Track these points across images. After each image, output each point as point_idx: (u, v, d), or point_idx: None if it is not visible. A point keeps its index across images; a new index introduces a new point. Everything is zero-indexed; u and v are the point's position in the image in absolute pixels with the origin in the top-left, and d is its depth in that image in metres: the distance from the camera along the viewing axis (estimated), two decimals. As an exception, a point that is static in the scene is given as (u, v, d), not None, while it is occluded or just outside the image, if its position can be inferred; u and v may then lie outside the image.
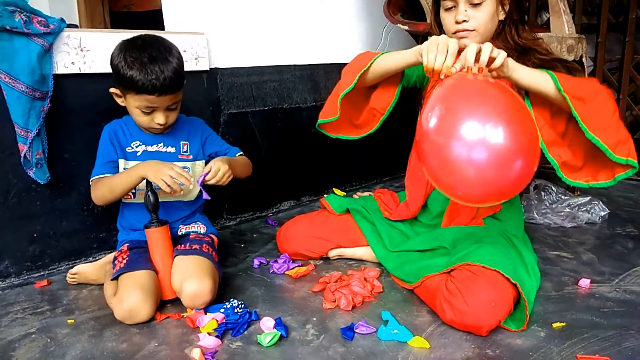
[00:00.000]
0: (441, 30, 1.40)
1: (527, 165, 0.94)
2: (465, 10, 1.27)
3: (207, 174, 1.28)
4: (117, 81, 1.28)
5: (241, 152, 1.51)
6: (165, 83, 1.23)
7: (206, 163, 1.42)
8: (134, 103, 1.27)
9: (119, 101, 1.33)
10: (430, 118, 0.98)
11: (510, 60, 1.15)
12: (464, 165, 0.92)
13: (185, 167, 1.38)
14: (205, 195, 1.28)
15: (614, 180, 1.15)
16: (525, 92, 1.22)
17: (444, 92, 1.01)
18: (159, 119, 1.29)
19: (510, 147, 0.91)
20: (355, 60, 1.40)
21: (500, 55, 1.10)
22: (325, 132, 1.47)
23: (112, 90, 1.33)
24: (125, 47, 1.26)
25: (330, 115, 1.40)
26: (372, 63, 1.32)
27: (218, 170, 1.29)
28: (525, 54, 1.31)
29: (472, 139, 0.91)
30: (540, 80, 1.16)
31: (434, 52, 1.13)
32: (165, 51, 1.26)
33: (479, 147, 0.91)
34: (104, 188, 1.31)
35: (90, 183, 1.36)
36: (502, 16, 1.33)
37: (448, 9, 1.31)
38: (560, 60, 1.31)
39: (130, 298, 1.16)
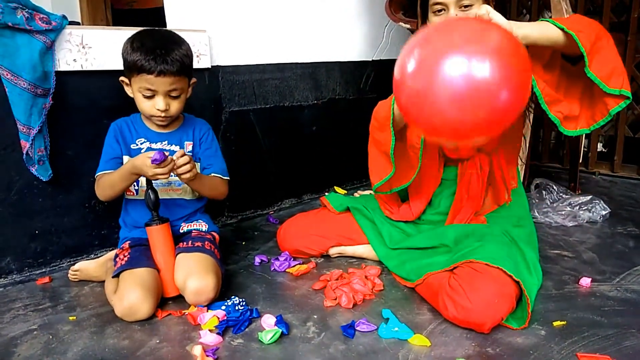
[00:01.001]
0: None
1: (514, 96, 0.86)
2: (456, 14, 1.27)
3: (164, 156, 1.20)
4: (124, 67, 1.29)
5: (221, 175, 1.42)
6: (165, 64, 1.23)
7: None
8: (136, 86, 1.28)
9: (127, 91, 1.34)
10: (407, 62, 0.90)
11: (513, 22, 1.09)
12: (446, 104, 0.85)
13: None
14: (156, 154, 1.17)
15: (609, 115, 1.14)
16: None
17: (418, 37, 0.92)
18: (159, 104, 1.28)
19: (496, 80, 0.83)
20: (376, 114, 1.33)
21: (482, 10, 1.06)
22: (383, 192, 1.42)
23: (121, 78, 1.34)
24: (135, 35, 1.29)
25: (386, 173, 1.34)
26: (392, 110, 1.24)
27: (187, 162, 1.22)
28: None
29: (454, 73, 0.82)
30: (544, 29, 1.11)
31: None
32: (173, 42, 1.28)
33: (461, 81, 0.82)
34: (105, 184, 1.32)
35: (95, 178, 1.36)
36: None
37: (437, 13, 1.30)
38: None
39: (130, 295, 1.16)
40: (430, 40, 0.89)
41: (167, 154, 1.20)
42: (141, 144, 1.38)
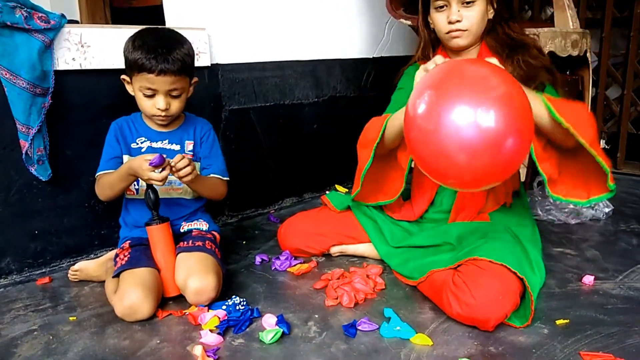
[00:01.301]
0: (429, 30, 1.40)
1: (519, 145, 0.90)
2: (458, 10, 1.28)
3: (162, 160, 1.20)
4: (125, 65, 1.29)
5: (220, 176, 1.42)
6: (166, 63, 1.22)
7: None
8: (137, 85, 1.28)
9: (129, 89, 1.33)
10: (418, 104, 0.94)
11: None
12: (454, 150, 0.88)
13: None
14: (156, 159, 1.17)
15: (588, 201, 1.17)
16: None
17: (431, 78, 0.97)
18: (160, 103, 1.27)
19: (502, 129, 0.87)
20: (366, 131, 1.35)
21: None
22: (364, 203, 1.46)
23: (122, 76, 1.33)
24: (137, 34, 1.28)
25: (355, 189, 1.41)
26: (382, 132, 1.27)
27: (189, 162, 1.23)
28: (516, 52, 1.30)
29: (462, 122, 0.86)
30: (536, 109, 1.10)
31: None
32: (175, 41, 1.28)
33: (469, 130, 0.86)
34: (105, 184, 1.32)
35: (95, 178, 1.36)
36: (491, 15, 1.34)
37: (439, 9, 1.31)
38: (547, 69, 1.30)
39: (130, 295, 1.16)
40: (442, 85, 0.93)
41: (165, 156, 1.19)
42: (141, 143, 1.37)
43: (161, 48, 1.23)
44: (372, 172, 1.34)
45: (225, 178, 1.44)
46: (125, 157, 1.36)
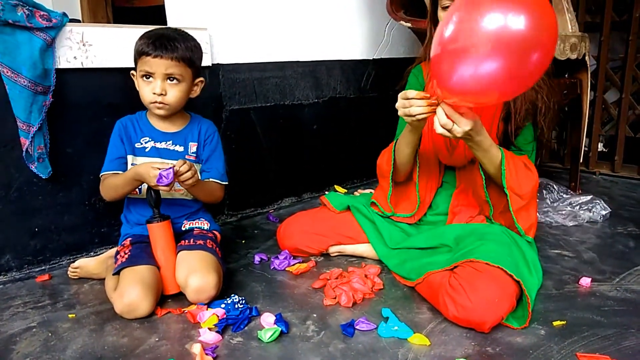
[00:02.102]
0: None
1: (544, 55, 0.91)
2: None
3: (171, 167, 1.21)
4: (133, 59, 1.33)
5: (219, 181, 1.42)
6: (164, 48, 1.25)
7: None
8: (138, 73, 1.31)
9: (135, 83, 1.35)
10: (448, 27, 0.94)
11: (478, 134, 1.15)
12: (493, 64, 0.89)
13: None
14: (165, 177, 1.18)
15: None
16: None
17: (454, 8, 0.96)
18: (156, 87, 1.28)
19: (532, 38, 0.87)
20: (380, 165, 1.48)
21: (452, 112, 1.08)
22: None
23: (132, 72, 1.36)
24: (146, 31, 1.32)
25: (385, 208, 1.50)
26: (394, 165, 1.40)
27: (190, 167, 1.23)
28: None
29: (495, 32, 0.87)
30: (493, 163, 1.24)
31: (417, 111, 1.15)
32: (180, 34, 1.31)
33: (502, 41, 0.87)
34: (109, 186, 1.34)
35: (100, 178, 1.37)
36: None
37: (446, 8, 1.32)
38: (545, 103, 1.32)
39: (130, 293, 1.16)
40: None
41: (172, 168, 1.20)
42: (145, 143, 1.38)
43: (164, 37, 1.27)
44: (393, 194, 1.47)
45: (223, 183, 1.44)
46: (130, 157, 1.37)
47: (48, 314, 1.23)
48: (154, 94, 1.29)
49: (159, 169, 1.19)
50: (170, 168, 1.19)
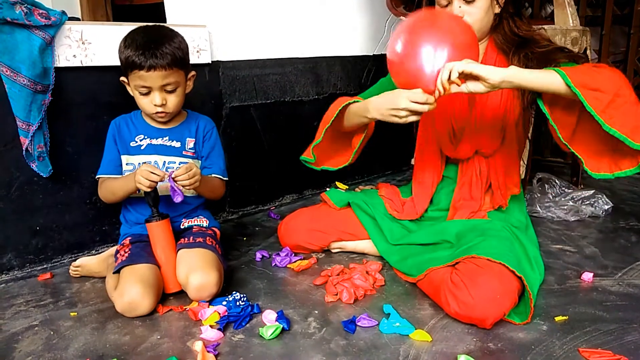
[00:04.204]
0: None
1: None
2: (460, 7, 1.27)
3: (172, 172, 1.25)
4: (121, 66, 1.30)
5: (221, 176, 1.43)
6: (154, 57, 1.22)
7: None
8: (132, 84, 1.29)
9: (129, 90, 1.33)
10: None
11: (513, 68, 1.09)
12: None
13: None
14: (176, 197, 1.24)
15: (638, 167, 1.08)
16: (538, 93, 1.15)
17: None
18: (156, 99, 1.28)
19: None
20: (328, 111, 1.42)
21: (471, 66, 1.07)
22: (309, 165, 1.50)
23: (121, 78, 1.33)
24: (128, 33, 1.29)
25: (307, 155, 1.47)
26: (335, 117, 1.36)
27: (190, 169, 1.24)
28: (524, 47, 1.29)
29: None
30: (547, 80, 1.07)
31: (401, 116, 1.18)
32: (164, 35, 1.28)
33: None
34: (107, 190, 1.35)
35: (97, 179, 1.38)
36: (497, 10, 1.32)
37: (444, 5, 1.31)
38: (561, 49, 1.27)
39: (130, 291, 1.16)
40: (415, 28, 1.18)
41: (171, 177, 1.23)
42: (140, 140, 1.37)
43: (149, 44, 1.23)
44: (325, 144, 1.44)
45: (225, 178, 1.44)
46: (124, 157, 1.37)
47: (50, 313, 1.23)
48: (155, 105, 1.28)
49: (152, 172, 1.21)
50: (171, 181, 1.22)
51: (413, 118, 1.17)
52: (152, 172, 1.22)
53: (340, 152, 1.48)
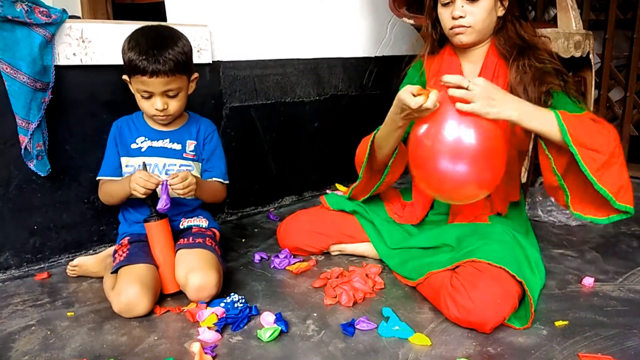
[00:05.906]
0: (434, 25, 1.39)
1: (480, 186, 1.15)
2: (462, 6, 1.27)
3: (165, 182, 1.24)
4: (124, 66, 1.29)
5: (221, 180, 1.43)
6: (157, 64, 1.21)
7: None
8: (134, 87, 1.28)
9: (131, 89, 1.33)
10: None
11: (516, 112, 1.12)
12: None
13: (188, 166, 1.38)
14: (162, 202, 1.22)
15: (608, 219, 1.18)
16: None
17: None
18: (157, 104, 1.27)
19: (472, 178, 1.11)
20: (357, 154, 1.46)
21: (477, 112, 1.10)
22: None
23: (123, 76, 1.33)
24: (132, 34, 1.27)
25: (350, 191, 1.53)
26: (369, 153, 1.37)
27: (185, 178, 1.23)
28: (524, 54, 1.27)
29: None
30: (547, 128, 1.14)
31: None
32: (168, 39, 1.26)
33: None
34: (106, 192, 1.35)
35: (98, 181, 1.38)
36: (501, 12, 1.31)
37: (445, 4, 1.30)
38: (557, 72, 1.27)
39: (128, 291, 1.16)
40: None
41: (165, 185, 1.23)
42: (141, 142, 1.37)
43: (153, 49, 1.21)
44: (361, 185, 1.49)
45: (226, 182, 1.43)
46: (124, 160, 1.36)
47: (47, 312, 1.23)
48: (156, 109, 1.28)
49: (147, 181, 1.22)
50: (164, 187, 1.22)
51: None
52: (147, 181, 1.22)
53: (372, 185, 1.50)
